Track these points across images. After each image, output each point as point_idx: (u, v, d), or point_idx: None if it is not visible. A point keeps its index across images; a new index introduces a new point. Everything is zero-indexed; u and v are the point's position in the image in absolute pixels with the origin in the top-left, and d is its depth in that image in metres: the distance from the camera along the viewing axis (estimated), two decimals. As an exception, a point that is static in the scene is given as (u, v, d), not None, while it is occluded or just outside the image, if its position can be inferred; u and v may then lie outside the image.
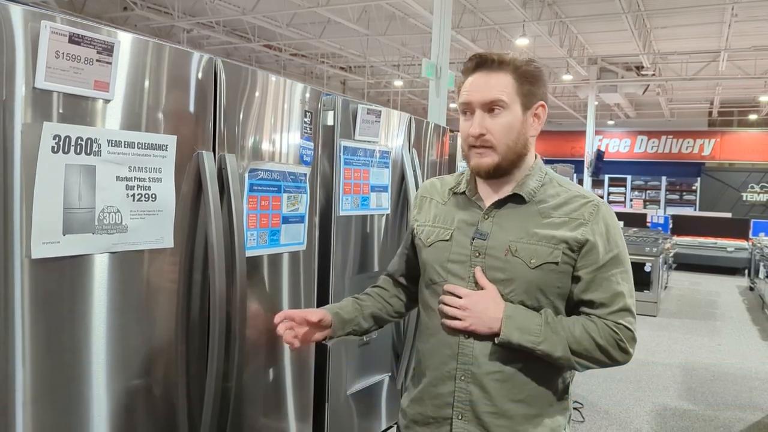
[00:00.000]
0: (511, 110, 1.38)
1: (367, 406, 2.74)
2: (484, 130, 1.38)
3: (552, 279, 1.38)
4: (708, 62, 13.10)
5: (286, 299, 2.08)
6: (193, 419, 1.71)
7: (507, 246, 1.39)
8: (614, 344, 1.37)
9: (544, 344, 1.34)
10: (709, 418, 4.40)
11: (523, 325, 1.35)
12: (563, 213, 1.40)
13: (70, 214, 1.34)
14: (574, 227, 1.38)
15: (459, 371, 1.42)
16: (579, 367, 1.39)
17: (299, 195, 2.05)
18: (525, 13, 9.48)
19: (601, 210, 1.41)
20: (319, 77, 16.15)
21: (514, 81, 1.38)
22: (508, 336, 1.34)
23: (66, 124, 1.33)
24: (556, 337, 1.35)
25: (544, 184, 1.45)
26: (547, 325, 1.35)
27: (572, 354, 1.36)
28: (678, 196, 18.97)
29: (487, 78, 1.39)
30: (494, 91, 1.37)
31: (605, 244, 1.39)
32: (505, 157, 1.40)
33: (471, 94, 1.39)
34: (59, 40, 1.29)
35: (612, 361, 1.38)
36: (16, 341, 1.31)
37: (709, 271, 11.76)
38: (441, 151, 3.27)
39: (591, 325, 1.37)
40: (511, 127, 1.38)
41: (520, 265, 1.37)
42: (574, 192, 1.44)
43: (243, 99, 1.83)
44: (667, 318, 7.64)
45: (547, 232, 1.38)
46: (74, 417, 1.43)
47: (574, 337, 1.35)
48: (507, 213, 1.43)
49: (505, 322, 1.34)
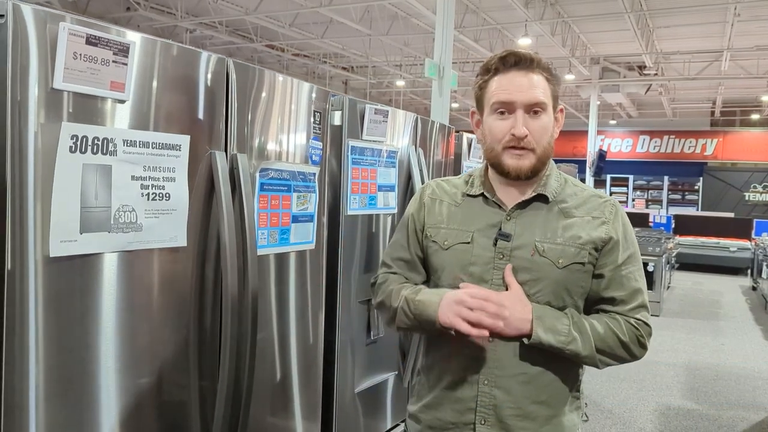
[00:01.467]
0: (548, 112, 1.38)
1: (373, 405, 2.76)
2: (527, 132, 1.36)
3: (577, 278, 1.38)
4: (710, 62, 13.09)
5: (293, 297, 2.09)
6: (206, 417, 1.73)
7: (534, 246, 1.38)
8: (635, 340, 1.38)
9: (573, 344, 1.34)
10: (712, 417, 4.41)
11: (553, 325, 1.34)
12: (585, 212, 1.41)
13: (87, 213, 1.36)
14: (597, 226, 1.39)
15: (482, 375, 1.39)
16: (600, 364, 1.39)
17: (308, 194, 2.06)
18: (527, 12, 9.49)
19: (619, 209, 1.44)
20: (321, 77, 16.16)
21: (547, 82, 1.38)
22: (539, 337, 1.33)
23: (83, 125, 1.35)
24: (583, 337, 1.35)
25: (562, 184, 1.46)
26: (574, 325, 1.35)
27: (597, 352, 1.36)
28: (680, 196, 18.94)
29: (528, 78, 1.36)
30: (538, 92, 1.36)
31: (624, 242, 1.41)
32: (540, 158, 1.39)
33: (514, 94, 1.36)
34: (77, 42, 1.30)
35: (631, 357, 1.40)
36: (31, 340, 1.33)
37: (712, 271, 11.76)
38: (447, 150, 3.28)
39: (614, 322, 1.38)
40: (547, 128, 1.39)
41: (548, 265, 1.37)
42: (590, 192, 1.46)
43: (253, 99, 1.84)
44: (670, 318, 7.65)
45: (573, 233, 1.38)
46: (86, 414, 1.45)
47: (599, 335, 1.36)
48: (530, 213, 1.42)
49: (535, 323, 1.33)
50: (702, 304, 8.72)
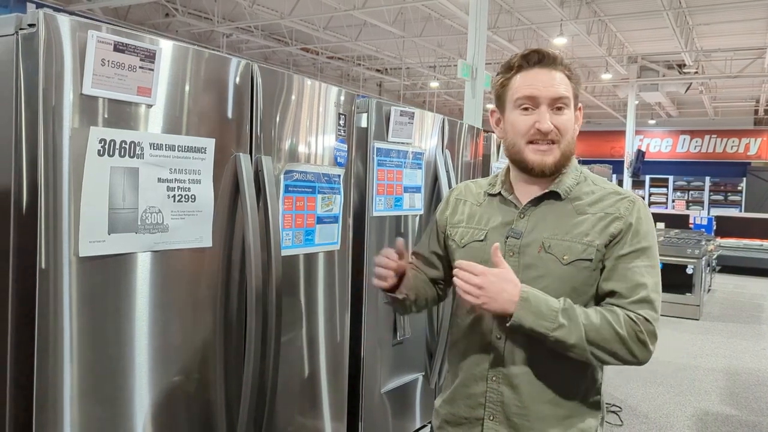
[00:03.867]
0: (570, 108, 1.40)
1: (401, 405, 2.77)
2: (553, 126, 1.38)
3: (585, 277, 1.36)
4: (753, 59, 12.75)
5: (321, 298, 2.12)
6: (231, 414, 1.76)
7: (541, 243, 1.39)
8: (633, 336, 1.30)
9: (559, 331, 1.29)
10: (752, 423, 4.29)
11: (539, 309, 1.29)
12: (599, 209, 1.39)
13: (115, 214, 1.41)
14: (609, 222, 1.37)
15: (491, 372, 1.42)
16: (593, 359, 1.32)
17: (333, 196, 2.09)
18: (562, 12, 9.39)
19: (636, 204, 1.40)
20: (355, 79, 16.25)
21: (568, 80, 1.40)
22: (520, 319, 1.29)
23: (111, 129, 1.39)
24: (572, 324, 1.29)
25: (579, 182, 1.45)
26: (564, 312, 1.30)
27: (588, 343, 1.30)
28: (722, 196, 18.47)
29: (551, 74, 1.38)
30: (562, 88, 1.38)
31: (633, 235, 1.37)
32: (563, 154, 1.40)
33: (539, 89, 1.38)
34: (105, 49, 1.35)
35: (630, 356, 1.31)
36: (65, 337, 1.38)
37: (755, 274, 11.42)
38: (475, 152, 3.28)
39: (612, 314, 1.32)
40: (570, 124, 1.40)
41: (553, 261, 1.37)
42: (609, 189, 1.44)
43: (279, 102, 1.88)
44: (710, 322, 7.47)
45: (581, 229, 1.38)
46: (118, 410, 1.49)
47: (592, 325, 1.30)
48: (543, 210, 1.43)
49: (519, 305, 1.29)
50: (743, 308, 8.48)
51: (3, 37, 1.34)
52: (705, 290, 8.21)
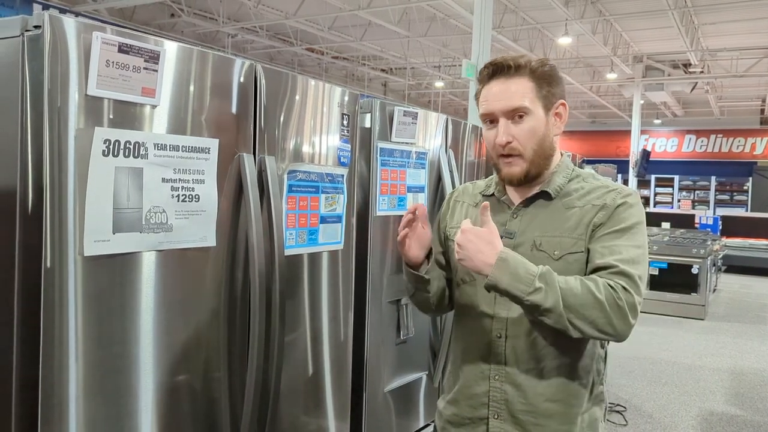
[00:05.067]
0: (534, 114, 1.38)
1: (404, 404, 2.78)
2: (511, 138, 1.38)
3: (577, 269, 1.37)
4: (759, 58, 12.70)
5: (325, 297, 2.13)
6: (235, 412, 1.78)
7: (532, 241, 1.41)
8: (612, 301, 1.26)
9: (535, 295, 1.26)
10: (757, 424, 4.28)
11: (516, 271, 1.27)
12: (586, 201, 1.41)
13: (120, 213, 1.42)
14: (596, 212, 1.38)
15: (492, 371, 1.43)
16: (570, 327, 1.27)
17: (337, 195, 2.10)
18: (567, 11, 9.38)
19: (625, 196, 1.39)
20: (360, 79, 16.26)
21: (533, 84, 1.38)
22: (495, 279, 1.27)
23: (115, 129, 1.41)
24: (548, 288, 1.26)
25: (571, 180, 1.46)
26: (541, 276, 1.27)
27: (565, 308, 1.26)
28: (728, 196, 18.41)
29: (506, 85, 1.38)
30: (515, 98, 1.37)
31: (614, 218, 1.36)
32: (533, 162, 1.40)
33: (491, 104, 1.39)
34: (109, 50, 1.36)
35: (609, 325, 1.26)
36: (70, 336, 1.39)
37: (761, 274, 11.37)
38: (479, 151, 3.28)
39: (591, 281, 1.29)
40: (535, 131, 1.39)
41: (545, 258, 1.38)
42: (599, 184, 1.45)
43: (283, 103, 1.89)
44: (715, 321, 7.44)
45: (570, 224, 1.39)
46: (122, 407, 1.51)
47: (570, 290, 1.26)
48: (534, 211, 1.45)
49: (496, 265, 1.27)
50: (749, 308, 8.45)
51: (9, 39, 1.35)
52: (710, 290, 8.18)
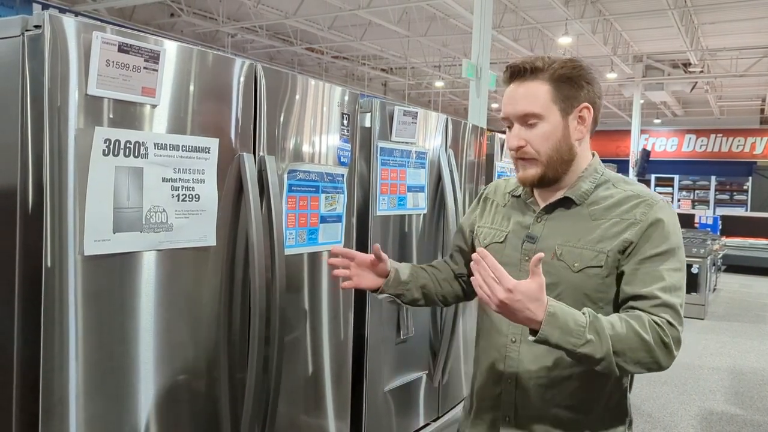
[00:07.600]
0: (548, 119, 1.34)
1: (404, 404, 2.78)
2: (523, 142, 1.36)
3: (596, 284, 1.33)
4: (759, 58, 12.71)
5: (325, 296, 2.13)
6: (235, 411, 1.78)
7: (554, 250, 1.37)
8: (659, 340, 1.24)
9: (586, 347, 1.21)
10: (757, 423, 4.29)
11: (566, 325, 1.21)
12: (616, 215, 1.35)
13: (120, 213, 1.42)
14: (624, 228, 1.32)
15: (505, 374, 1.42)
16: (618, 371, 1.25)
17: (337, 195, 2.10)
18: (567, 11, 9.38)
19: (654, 207, 1.34)
20: (360, 79, 16.26)
21: (550, 87, 1.34)
22: (545, 335, 1.20)
23: (115, 129, 1.41)
24: (599, 338, 1.21)
25: (599, 185, 1.40)
26: (590, 326, 1.22)
27: (615, 354, 1.22)
28: (728, 196, 18.42)
29: (520, 89, 1.36)
30: (525, 104, 1.34)
31: (654, 239, 1.31)
32: (549, 166, 1.36)
33: (506, 107, 1.38)
34: (109, 50, 1.36)
35: (654, 363, 1.25)
36: (71, 335, 1.39)
37: (761, 274, 11.38)
38: (479, 151, 3.28)
39: (636, 320, 1.25)
40: (549, 136, 1.35)
41: (564, 269, 1.35)
42: (629, 192, 1.38)
43: (283, 102, 1.89)
44: (715, 321, 7.45)
45: (594, 236, 1.34)
46: (123, 406, 1.51)
47: (617, 335, 1.22)
48: (558, 216, 1.41)
49: (545, 321, 1.20)
50: (749, 308, 8.46)
51: (9, 39, 1.36)
52: (710, 290, 8.19)
